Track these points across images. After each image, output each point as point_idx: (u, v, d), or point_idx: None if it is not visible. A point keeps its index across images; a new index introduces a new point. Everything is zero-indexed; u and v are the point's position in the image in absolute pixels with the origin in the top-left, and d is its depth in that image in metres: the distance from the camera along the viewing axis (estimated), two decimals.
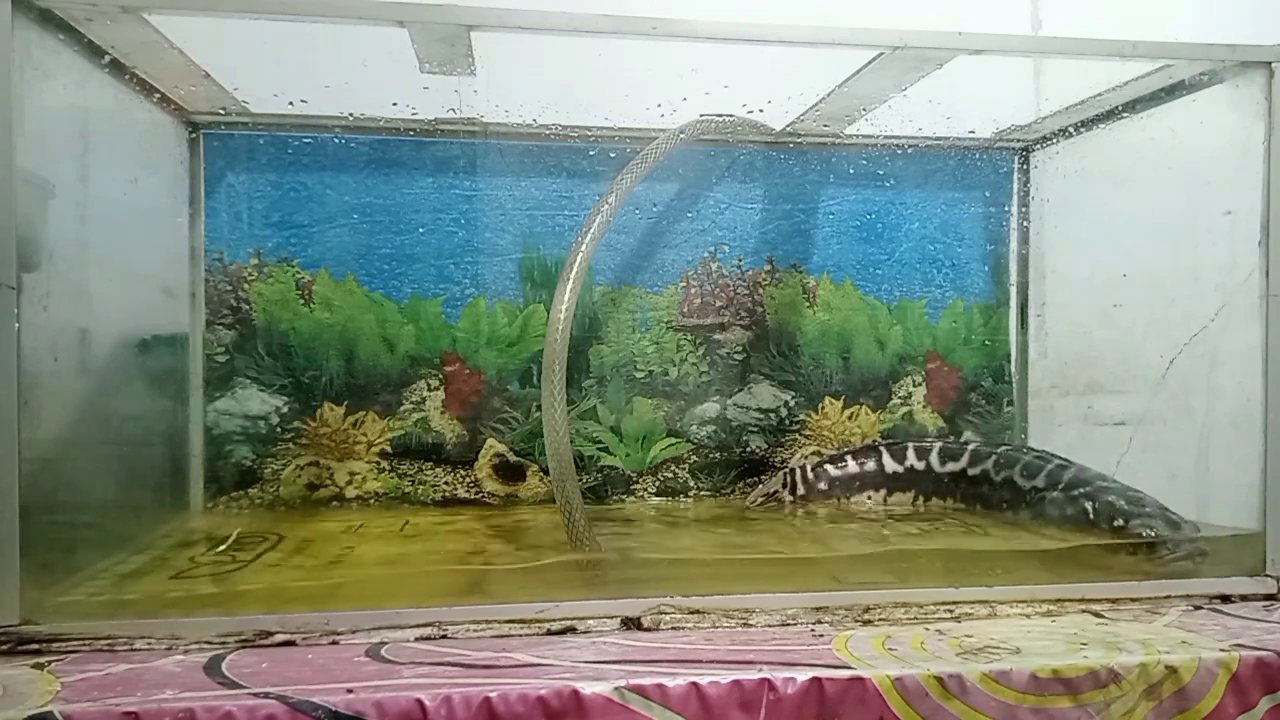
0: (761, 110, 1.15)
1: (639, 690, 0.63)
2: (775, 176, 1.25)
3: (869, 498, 1.17)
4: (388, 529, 1.06)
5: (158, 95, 1.05)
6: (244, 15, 0.88)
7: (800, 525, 1.11)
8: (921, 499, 1.16)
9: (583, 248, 0.93)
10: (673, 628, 0.76)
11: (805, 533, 1.08)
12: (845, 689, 0.64)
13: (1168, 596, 0.84)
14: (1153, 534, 0.90)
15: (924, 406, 1.29)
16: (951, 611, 0.80)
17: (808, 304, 1.26)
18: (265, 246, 1.16)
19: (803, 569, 0.92)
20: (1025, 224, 1.29)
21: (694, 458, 1.24)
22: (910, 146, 1.25)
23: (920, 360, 1.29)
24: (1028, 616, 0.80)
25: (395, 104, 1.11)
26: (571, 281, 0.91)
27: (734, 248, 1.25)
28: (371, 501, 1.18)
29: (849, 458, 1.19)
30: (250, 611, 0.74)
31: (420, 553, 0.95)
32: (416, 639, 0.73)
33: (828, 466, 1.18)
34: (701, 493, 1.24)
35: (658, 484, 1.23)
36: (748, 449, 1.26)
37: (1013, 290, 1.30)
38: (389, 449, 1.19)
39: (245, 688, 0.62)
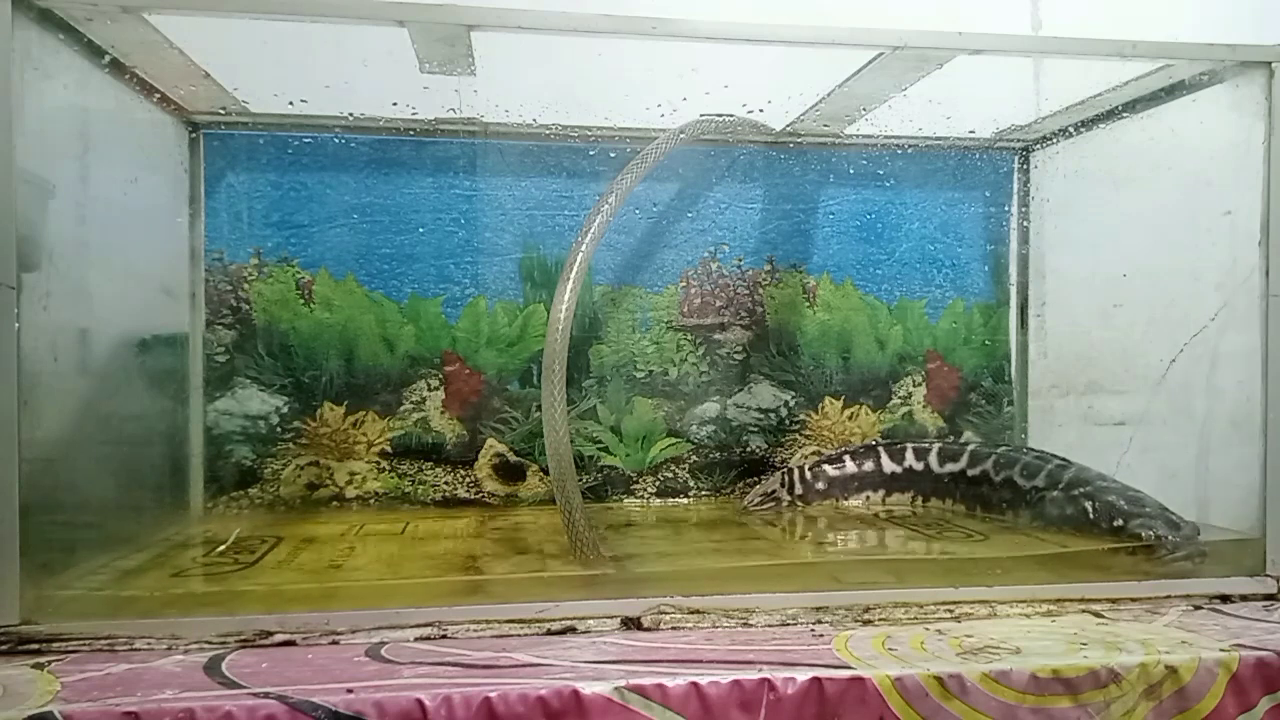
0: (761, 110, 1.15)
1: (639, 690, 0.63)
2: (775, 176, 1.25)
3: (867, 498, 1.17)
4: (388, 532, 1.06)
5: (158, 95, 1.05)
6: (244, 15, 0.89)
7: (799, 529, 1.11)
8: (920, 500, 1.15)
9: (583, 248, 0.93)
10: (673, 628, 0.76)
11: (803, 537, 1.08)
12: (845, 689, 0.64)
13: (1168, 596, 0.84)
14: (1152, 534, 0.90)
15: (924, 406, 1.29)
16: (951, 611, 0.80)
17: (808, 304, 1.26)
18: (265, 246, 1.16)
19: (802, 571, 0.92)
20: (1025, 224, 1.29)
21: (694, 458, 1.24)
22: (910, 146, 1.25)
23: (920, 360, 1.29)
24: (1028, 616, 0.80)
25: (395, 104, 1.11)
26: (572, 281, 0.91)
27: (734, 248, 1.25)
28: (371, 501, 1.18)
29: (847, 458, 1.19)
30: (250, 611, 0.74)
31: (420, 557, 0.94)
32: (416, 639, 0.73)
33: (826, 467, 1.18)
34: (701, 493, 1.24)
35: (658, 484, 1.24)
36: (747, 449, 1.26)
37: (1013, 290, 1.30)
38: (389, 449, 1.19)
39: (245, 688, 0.62)
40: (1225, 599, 0.84)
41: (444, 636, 0.74)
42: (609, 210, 0.96)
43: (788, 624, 0.77)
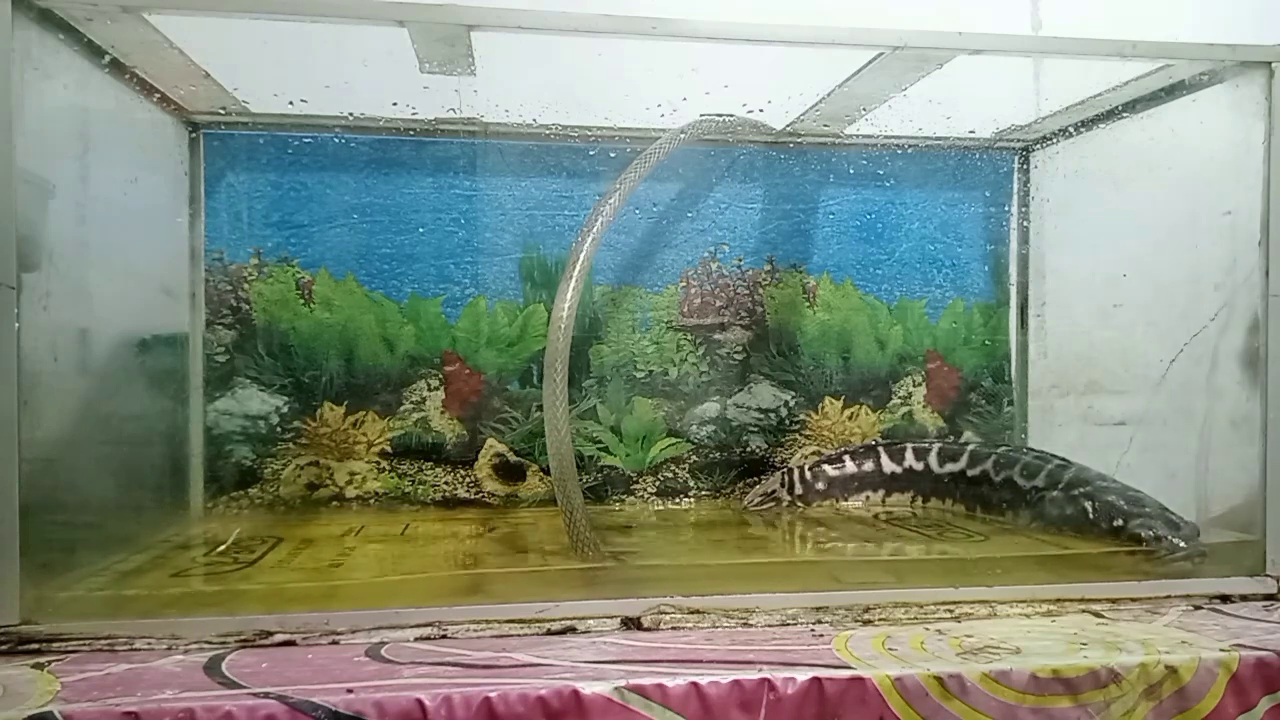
0: (761, 110, 1.15)
1: (639, 690, 0.63)
2: (775, 176, 1.25)
3: (867, 498, 1.17)
4: (388, 532, 1.06)
5: (158, 95, 1.05)
6: (244, 15, 0.89)
7: (799, 529, 1.12)
8: (920, 500, 1.16)
9: (585, 248, 0.93)
10: (673, 628, 0.76)
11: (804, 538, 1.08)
12: (845, 689, 0.64)
13: (1168, 596, 0.84)
14: (1152, 534, 0.90)
15: (924, 406, 1.29)
16: (951, 611, 0.80)
17: (808, 304, 1.26)
18: (265, 246, 1.16)
19: (802, 571, 0.92)
20: (1025, 224, 1.29)
21: (694, 458, 1.24)
22: (910, 146, 1.25)
23: (920, 360, 1.29)
24: (1028, 616, 0.80)
25: (395, 104, 1.11)
26: (574, 281, 0.91)
27: (734, 248, 1.25)
28: (371, 501, 1.18)
29: (847, 458, 1.19)
30: (250, 611, 0.74)
31: (420, 558, 0.94)
32: (416, 639, 0.73)
33: (825, 467, 1.18)
34: (701, 493, 1.24)
35: (658, 484, 1.24)
36: (747, 449, 1.26)
37: (1013, 290, 1.30)
38: (389, 449, 1.19)
39: (245, 688, 0.62)
40: (1225, 599, 0.84)
41: (444, 636, 0.74)
42: (610, 210, 0.96)
43: (788, 624, 0.77)
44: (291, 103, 1.10)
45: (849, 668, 0.66)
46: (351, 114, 1.13)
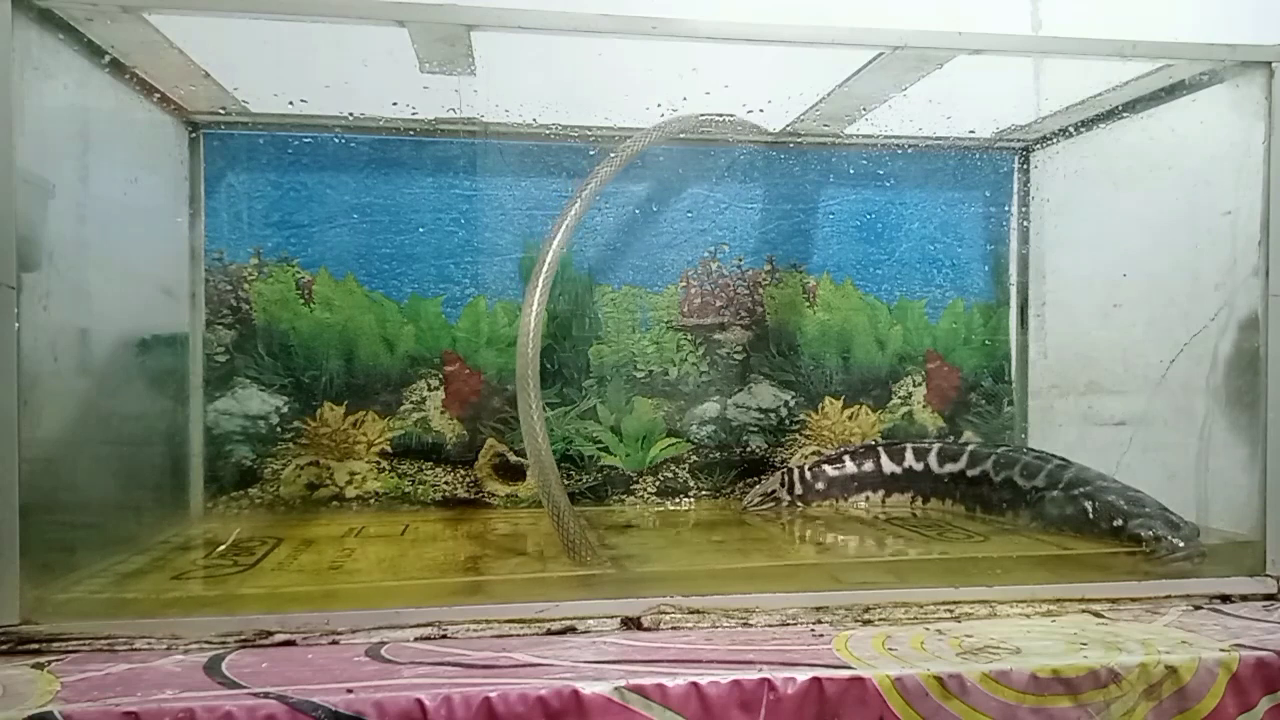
0: (762, 110, 1.16)
1: (639, 690, 0.63)
2: (775, 176, 1.25)
3: (866, 499, 1.17)
4: (388, 532, 1.06)
5: (158, 95, 1.05)
6: (244, 15, 0.89)
7: (798, 529, 1.12)
8: (920, 500, 1.15)
9: (546, 258, 0.93)
10: (673, 628, 0.76)
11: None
12: (845, 689, 0.64)
13: (1168, 596, 0.84)
14: (1152, 534, 0.90)
15: (924, 406, 1.29)
16: (951, 611, 0.80)
17: (808, 304, 1.26)
18: (265, 246, 1.16)
19: (802, 571, 0.92)
20: (1025, 224, 1.29)
21: (694, 458, 1.24)
22: (910, 146, 1.25)
23: (920, 360, 1.29)
24: (1028, 616, 0.80)
25: (395, 104, 1.11)
26: (539, 291, 0.91)
27: (734, 248, 1.25)
28: (371, 501, 1.18)
29: (847, 458, 1.19)
30: (250, 611, 0.74)
31: (420, 558, 0.94)
32: (416, 639, 0.73)
33: (825, 467, 1.18)
34: (701, 493, 1.24)
35: (658, 484, 1.23)
36: (748, 449, 1.26)
37: (1013, 290, 1.30)
38: (389, 449, 1.19)
39: (245, 688, 0.62)
40: (1225, 599, 0.84)
41: (444, 636, 0.74)
42: (570, 223, 0.96)
43: (788, 624, 0.77)
44: (291, 103, 1.10)
45: (849, 668, 0.66)
46: (351, 114, 1.13)
